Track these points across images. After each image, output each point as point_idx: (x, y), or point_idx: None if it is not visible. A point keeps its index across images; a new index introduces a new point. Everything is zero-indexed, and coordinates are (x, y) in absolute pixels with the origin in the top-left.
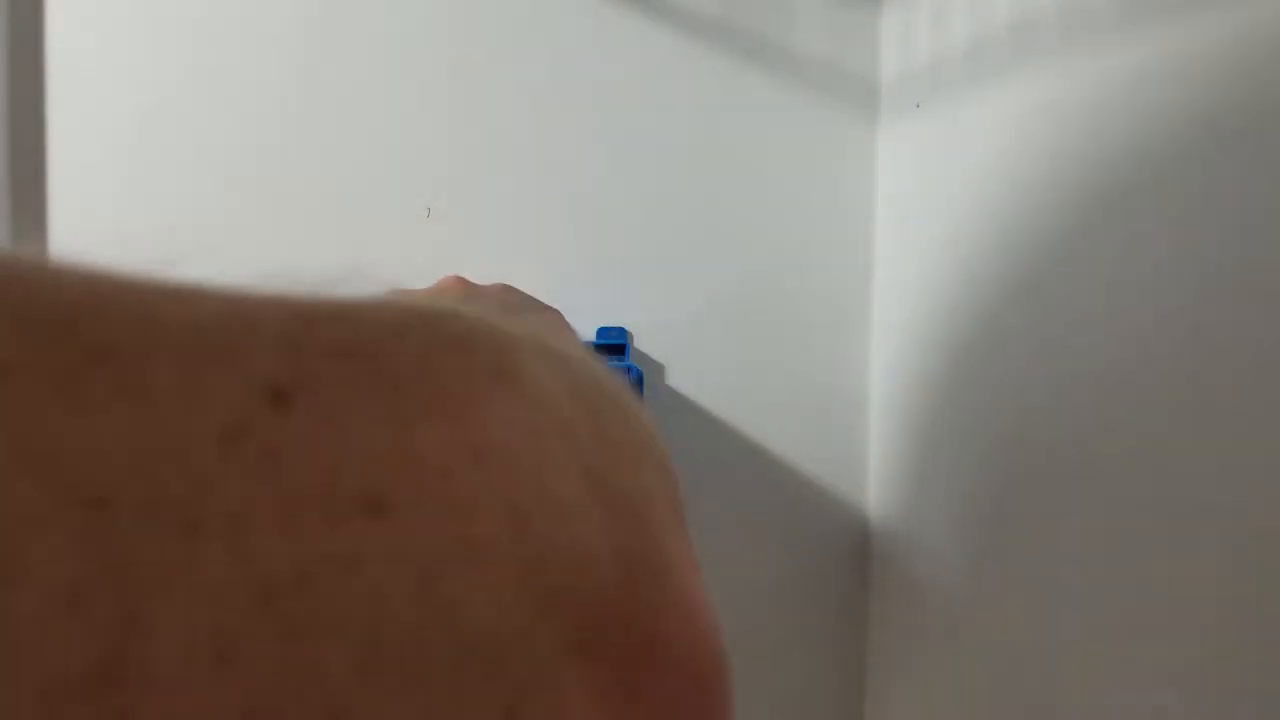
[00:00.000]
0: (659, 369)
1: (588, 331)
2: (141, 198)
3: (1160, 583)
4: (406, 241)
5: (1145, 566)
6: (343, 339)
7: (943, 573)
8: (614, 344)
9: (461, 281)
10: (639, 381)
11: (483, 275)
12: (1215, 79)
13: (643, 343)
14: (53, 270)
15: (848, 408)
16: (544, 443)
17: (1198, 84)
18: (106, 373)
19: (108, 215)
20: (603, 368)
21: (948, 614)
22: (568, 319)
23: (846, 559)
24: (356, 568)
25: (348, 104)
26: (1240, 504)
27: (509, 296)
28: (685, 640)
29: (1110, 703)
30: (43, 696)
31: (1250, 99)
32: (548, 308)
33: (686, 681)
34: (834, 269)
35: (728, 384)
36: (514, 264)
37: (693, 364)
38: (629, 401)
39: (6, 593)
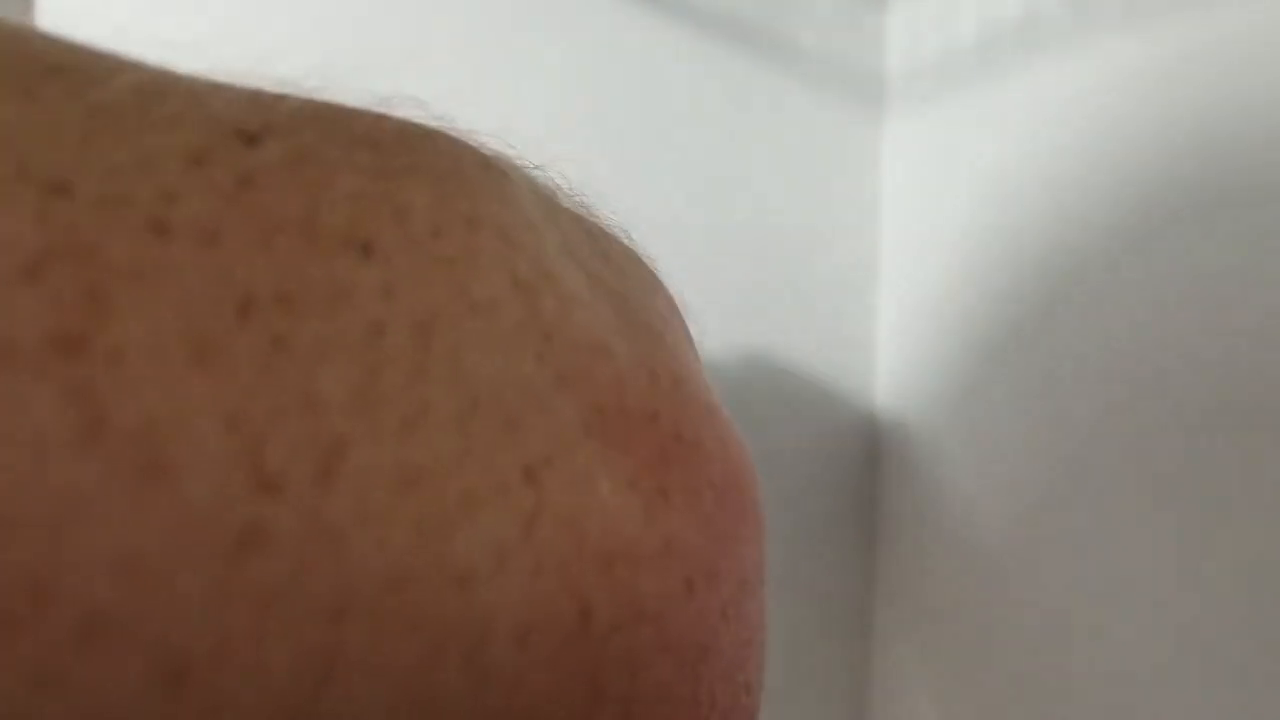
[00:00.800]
0: None
1: None
2: None
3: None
4: None
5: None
6: (315, 106)
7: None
8: None
9: None
10: None
11: None
12: (1227, 73)
13: None
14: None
15: (853, 399)
16: (541, 235)
17: (1208, 78)
18: (61, 82)
19: None
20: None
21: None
22: None
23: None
24: (345, 299)
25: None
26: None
27: None
28: (714, 442)
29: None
30: (3, 355)
31: (1263, 92)
32: None
33: (719, 485)
34: (838, 263)
35: (732, 376)
36: None
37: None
38: (635, 247)
39: None
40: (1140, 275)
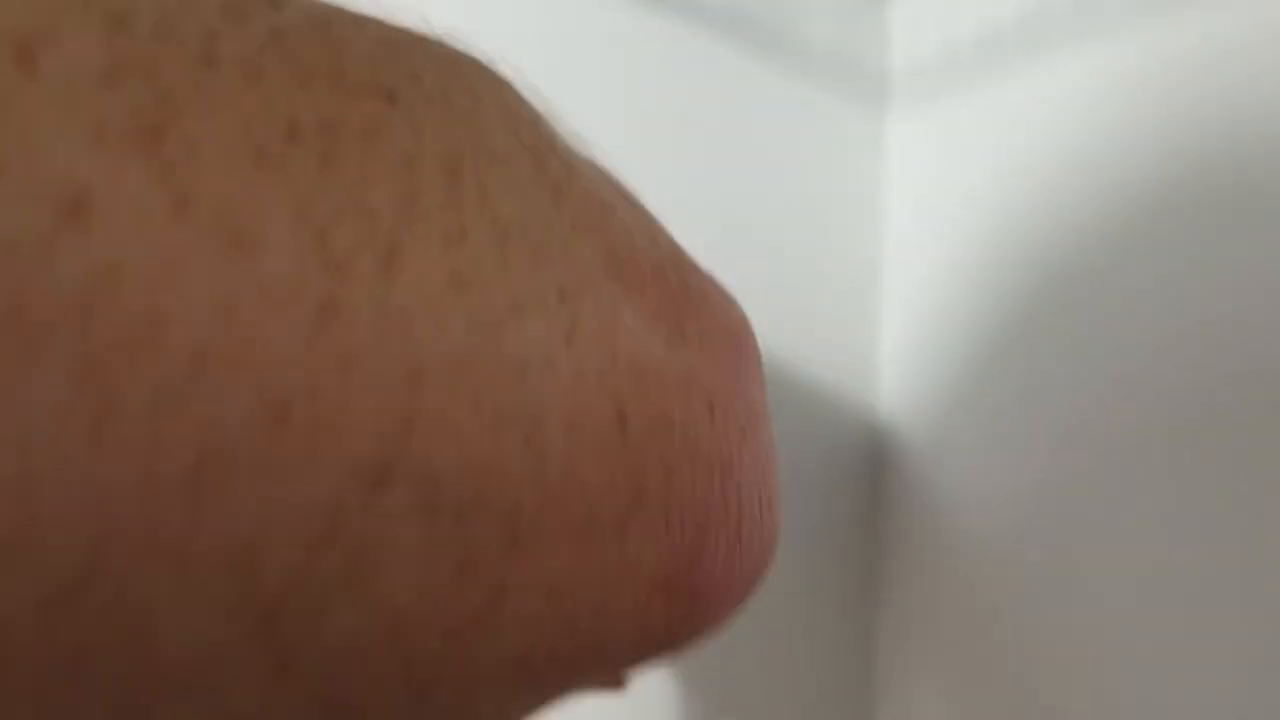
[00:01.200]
0: None
1: None
2: None
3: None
4: None
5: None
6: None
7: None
8: None
9: None
10: None
11: None
12: (1227, 73)
13: None
14: None
15: (855, 394)
16: (537, 117)
17: (1208, 77)
18: None
19: None
20: None
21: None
22: None
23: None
24: (378, 135)
25: None
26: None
27: None
28: (718, 295)
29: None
30: (95, 138)
31: (1263, 92)
32: None
33: (727, 335)
34: (841, 261)
35: None
36: None
37: None
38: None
39: (42, 55)
40: (1143, 274)
